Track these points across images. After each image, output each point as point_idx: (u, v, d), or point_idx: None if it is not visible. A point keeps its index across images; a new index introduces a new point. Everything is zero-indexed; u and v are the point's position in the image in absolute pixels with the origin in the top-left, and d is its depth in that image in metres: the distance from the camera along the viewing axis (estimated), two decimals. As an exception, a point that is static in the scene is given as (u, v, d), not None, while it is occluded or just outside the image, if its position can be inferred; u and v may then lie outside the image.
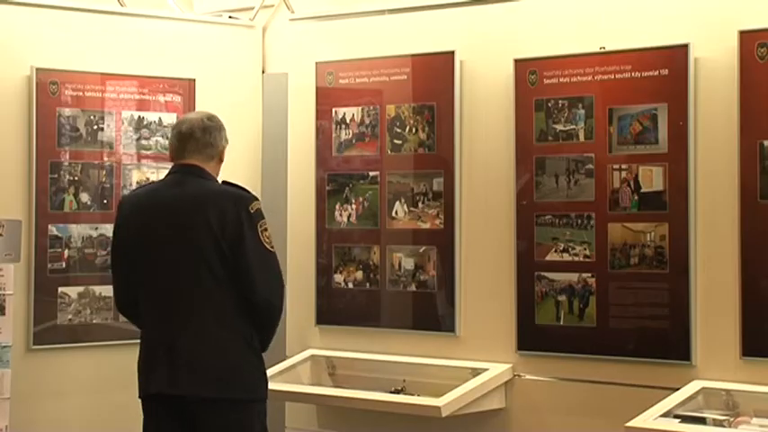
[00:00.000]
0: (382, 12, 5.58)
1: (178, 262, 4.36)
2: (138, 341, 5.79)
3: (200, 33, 5.99)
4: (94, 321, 5.65)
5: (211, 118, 4.53)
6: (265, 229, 4.33)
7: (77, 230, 5.62)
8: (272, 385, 5.11)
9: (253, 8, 6.14)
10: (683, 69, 4.71)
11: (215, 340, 4.29)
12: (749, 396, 4.48)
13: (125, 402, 5.66)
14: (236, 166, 5.98)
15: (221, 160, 4.54)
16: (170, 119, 5.84)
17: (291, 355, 5.67)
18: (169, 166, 5.77)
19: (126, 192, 5.70)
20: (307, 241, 5.77)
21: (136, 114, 5.78)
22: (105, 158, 5.70)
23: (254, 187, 5.93)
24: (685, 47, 4.70)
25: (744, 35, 4.56)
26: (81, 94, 5.65)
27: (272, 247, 4.35)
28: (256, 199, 4.42)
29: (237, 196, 4.38)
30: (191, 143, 4.45)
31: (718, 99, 4.65)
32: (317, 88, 5.78)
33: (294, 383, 5.44)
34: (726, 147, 4.62)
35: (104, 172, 5.69)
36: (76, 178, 5.61)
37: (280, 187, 5.93)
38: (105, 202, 5.68)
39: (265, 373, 4.45)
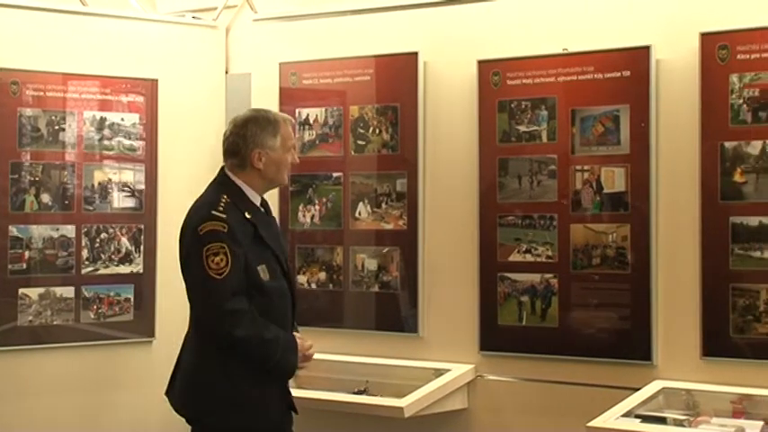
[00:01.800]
0: (345, 12, 5.58)
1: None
2: (101, 342, 5.79)
3: (162, 33, 5.96)
4: (55, 323, 5.60)
5: (242, 122, 4.18)
6: (215, 254, 3.94)
7: (38, 231, 5.57)
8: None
9: (216, 8, 6.11)
10: (645, 71, 4.74)
11: (190, 361, 4.17)
12: (709, 396, 4.51)
13: (86, 403, 5.65)
14: (199, 168, 5.97)
15: (256, 167, 4.14)
16: (132, 119, 5.81)
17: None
18: (131, 166, 5.81)
19: (87, 193, 5.68)
20: (270, 242, 5.74)
21: (98, 115, 5.74)
22: (67, 159, 5.66)
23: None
24: (647, 48, 4.73)
25: (705, 37, 4.59)
26: (42, 94, 5.61)
27: (218, 274, 3.94)
28: (213, 219, 3.99)
29: (196, 215, 4.07)
30: (226, 152, 4.21)
31: (680, 100, 4.68)
32: (280, 89, 5.76)
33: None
34: (687, 148, 4.65)
35: (66, 172, 5.65)
36: (37, 179, 5.57)
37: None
38: (66, 202, 5.64)
39: (240, 404, 4.04)
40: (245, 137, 4.15)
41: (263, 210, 4.22)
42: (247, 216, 4.08)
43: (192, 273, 4.02)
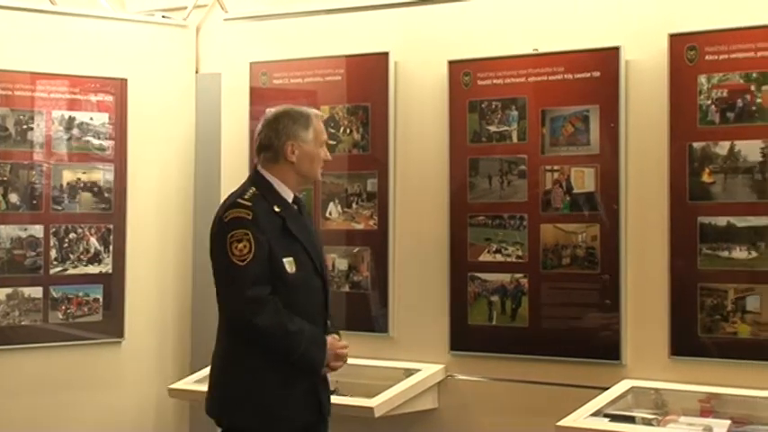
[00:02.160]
0: (317, 12, 5.57)
1: None
2: (70, 343, 5.75)
3: (132, 33, 5.94)
4: (23, 323, 5.58)
5: (274, 116, 4.14)
6: (239, 241, 3.92)
7: (6, 231, 5.55)
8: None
9: (186, 8, 6.10)
10: (615, 71, 4.75)
11: (217, 358, 4.11)
12: (677, 395, 4.53)
13: (54, 404, 5.62)
14: (169, 167, 5.99)
15: (289, 160, 4.09)
16: (101, 119, 5.78)
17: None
18: (100, 165, 5.79)
19: (55, 193, 5.65)
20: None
21: (66, 114, 5.72)
22: (35, 158, 5.63)
23: (186, 188, 5.95)
24: (616, 49, 4.75)
25: (673, 38, 4.61)
26: (10, 93, 5.58)
27: (241, 261, 3.92)
28: (238, 207, 3.99)
29: (222, 205, 4.09)
30: (259, 147, 4.16)
31: (649, 101, 4.70)
32: (250, 88, 5.75)
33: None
34: (656, 148, 4.67)
35: (34, 172, 5.62)
36: (5, 178, 5.55)
37: (213, 188, 5.88)
38: (35, 202, 5.61)
39: (260, 400, 3.99)
40: (277, 129, 4.11)
41: (295, 207, 4.16)
42: (276, 209, 4.04)
43: (217, 260, 4.01)
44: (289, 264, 4.01)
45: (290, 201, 4.13)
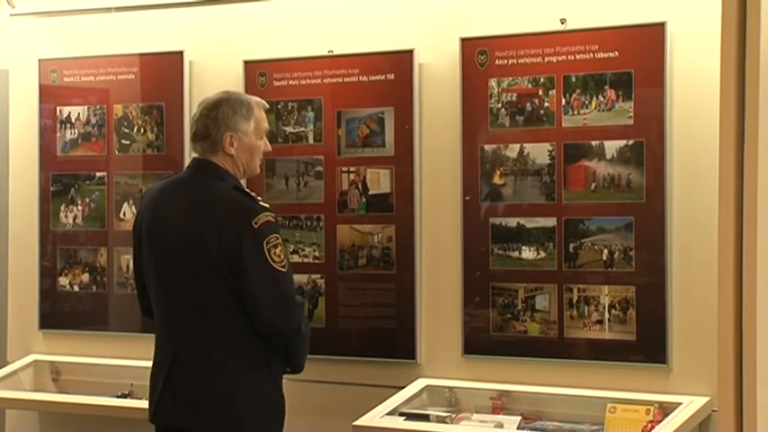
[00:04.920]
0: (109, 9, 5.45)
1: (175, 275, 3.95)
2: None
3: None
4: None
5: (213, 104, 4.00)
6: (275, 246, 3.85)
7: None
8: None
9: (-31, 2, 5.88)
10: (409, 74, 4.81)
11: (215, 365, 3.92)
12: (469, 393, 4.63)
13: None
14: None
15: (226, 153, 3.98)
16: None
17: (13, 361, 5.50)
18: None
19: None
20: (30, 244, 5.58)
21: None
22: None
23: (-28, 187, 5.73)
24: (410, 52, 4.81)
25: (465, 42, 4.69)
26: None
27: (282, 267, 3.86)
28: (265, 210, 3.90)
29: (240, 208, 3.89)
30: (195, 136, 4.04)
31: (443, 104, 4.77)
32: (40, 86, 5.59)
33: (15, 390, 5.28)
34: (449, 150, 4.75)
35: None
36: None
37: (0, 187, 5.71)
38: None
39: (278, 405, 4.06)
40: (216, 119, 3.98)
41: None
42: None
43: (256, 271, 3.84)
44: None
45: None
